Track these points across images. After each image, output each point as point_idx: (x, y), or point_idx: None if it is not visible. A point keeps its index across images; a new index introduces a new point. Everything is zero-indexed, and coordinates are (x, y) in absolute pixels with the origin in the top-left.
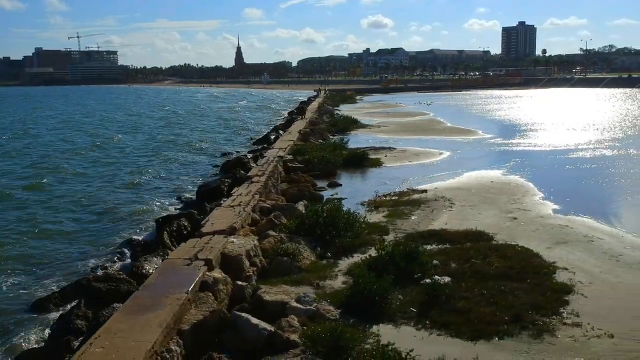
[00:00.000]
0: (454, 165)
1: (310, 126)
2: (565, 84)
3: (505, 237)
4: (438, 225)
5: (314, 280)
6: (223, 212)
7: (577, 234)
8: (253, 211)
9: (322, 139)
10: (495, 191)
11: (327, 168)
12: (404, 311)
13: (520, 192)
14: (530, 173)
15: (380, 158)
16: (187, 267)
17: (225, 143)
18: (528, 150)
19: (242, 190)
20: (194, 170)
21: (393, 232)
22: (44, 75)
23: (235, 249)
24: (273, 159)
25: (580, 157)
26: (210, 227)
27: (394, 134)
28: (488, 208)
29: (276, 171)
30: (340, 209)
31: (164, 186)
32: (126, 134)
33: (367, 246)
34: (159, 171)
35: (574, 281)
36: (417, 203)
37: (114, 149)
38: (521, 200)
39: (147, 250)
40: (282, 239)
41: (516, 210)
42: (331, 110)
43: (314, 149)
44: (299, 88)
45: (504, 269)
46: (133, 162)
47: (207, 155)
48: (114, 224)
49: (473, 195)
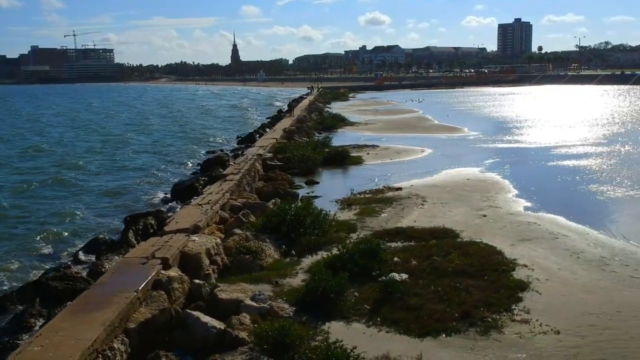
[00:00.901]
0: (435, 162)
1: (297, 124)
2: (559, 80)
3: (472, 234)
4: (406, 223)
5: (273, 278)
6: (190, 211)
7: (544, 231)
8: (223, 209)
9: (307, 137)
10: (470, 188)
11: (307, 166)
12: (357, 308)
13: (494, 189)
14: (509, 170)
15: (361, 156)
16: (142, 266)
17: (211, 141)
18: (510, 147)
19: (214, 189)
20: (177, 168)
21: (360, 230)
22: (40, 73)
23: (195, 248)
24: (251, 157)
25: (562, 154)
26: (174, 225)
27: (380, 131)
28: (459, 205)
29: (253, 169)
30: (309, 207)
31: (148, 183)
32: (134, 132)
33: (333, 244)
34: (149, 169)
35: (531, 278)
36: (390, 201)
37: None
38: (494, 197)
39: (111, 249)
40: (247, 237)
41: (487, 208)
42: (321, 108)
43: (295, 147)
44: (294, 86)
45: (464, 266)
46: (121, 159)
47: (191, 155)
48: (83, 221)
49: (447, 192)
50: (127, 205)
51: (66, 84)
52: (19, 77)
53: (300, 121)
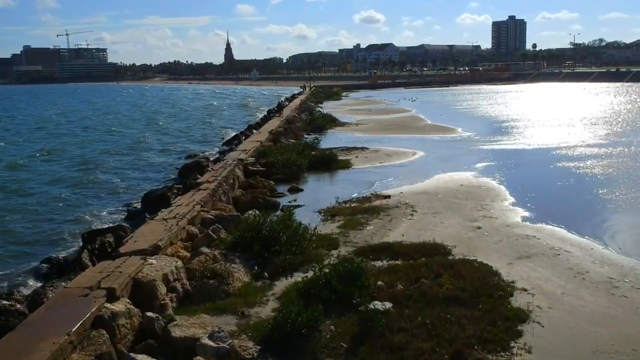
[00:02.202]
0: (426, 166)
1: (285, 125)
2: (554, 78)
3: (465, 251)
4: (394, 237)
5: (240, 307)
6: (152, 227)
7: (544, 246)
8: (191, 224)
9: (295, 139)
10: (463, 196)
11: (291, 172)
12: (332, 347)
13: (489, 197)
14: (504, 175)
15: (350, 159)
16: (82, 299)
17: (196, 143)
18: (506, 149)
19: (185, 200)
20: (156, 173)
21: (343, 246)
22: (32, 73)
23: (150, 273)
24: (231, 163)
25: (561, 157)
26: (131, 245)
27: (371, 132)
28: (451, 216)
29: (232, 176)
30: (287, 220)
31: (120, 190)
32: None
33: (311, 263)
34: (121, 173)
35: (532, 306)
36: (377, 211)
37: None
38: (489, 206)
39: (63, 272)
40: (214, 257)
41: (482, 219)
42: (312, 108)
43: (280, 151)
44: (288, 84)
45: (455, 291)
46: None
47: (172, 157)
48: (40, 235)
49: (438, 200)
50: (101, 218)
51: (58, 83)
52: (11, 77)
53: (289, 122)
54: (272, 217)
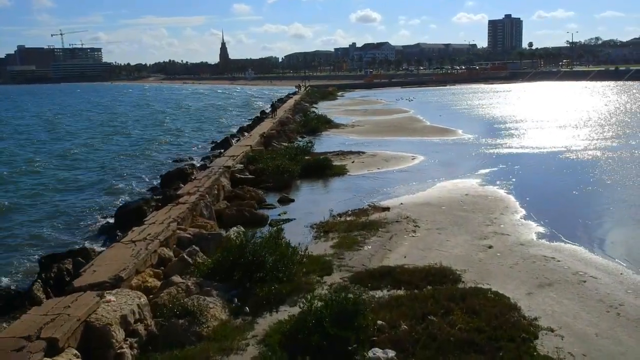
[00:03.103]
0: (427, 172)
1: (278, 127)
2: (552, 77)
3: (476, 277)
4: (395, 259)
5: (213, 355)
6: (117, 252)
7: (566, 270)
8: (165, 246)
9: (288, 142)
10: (469, 207)
11: (282, 179)
12: None
13: (498, 208)
14: (512, 182)
15: (345, 165)
16: (15, 356)
17: (183, 144)
18: (511, 153)
19: (160, 217)
20: (138, 181)
21: (337, 270)
22: (26, 73)
23: (106, 315)
24: (217, 170)
25: (573, 161)
26: (89, 276)
27: (368, 134)
28: (458, 232)
29: (216, 186)
30: (275, 239)
31: (101, 200)
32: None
33: (300, 294)
34: (106, 178)
35: (563, 352)
36: (375, 226)
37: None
38: (499, 220)
39: (11, 307)
40: (188, 288)
41: (492, 235)
42: (307, 109)
43: (271, 156)
44: (283, 84)
45: (471, 333)
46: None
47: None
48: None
49: (443, 213)
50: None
51: (52, 84)
52: (5, 77)
53: (282, 123)
54: (257, 238)
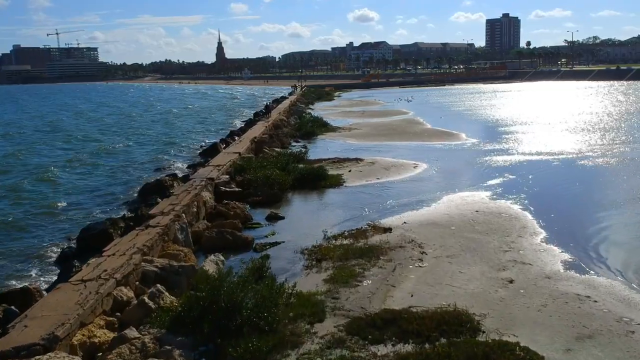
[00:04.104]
0: (431, 183)
1: (271, 131)
2: (552, 76)
3: (499, 324)
4: (400, 299)
5: None
6: (61, 297)
7: (606, 315)
8: (125, 284)
9: (281, 147)
10: (482, 228)
11: (272, 192)
12: None
13: (515, 229)
14: (526, 195)
15: (342, 174)
16: None
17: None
18: (521, 159)
19: (122, 246)
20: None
21: (331, 315)
22: (21, 73)
23: None
24: (200, 183)
25: (592, 169)
26: (17, 334)
27: (366, 138)
28: (472, 260)
29: (196, 203)
30: (257, 273)
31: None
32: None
33: (285, 350)
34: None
35: None
36: (376, 252)
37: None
38: (517, 244)
39: None
40: (144, 345)
41: (512, 265)
42: (302, 110)
43: (261, 165)
44: (279, 84)
45: None
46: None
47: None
48: None
49: (452, 235)
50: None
51: (47, 83)
52: (0, 77)
53: (276, 127)
54: (236, 273)
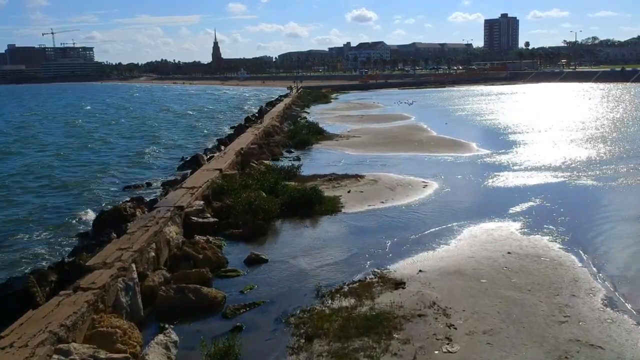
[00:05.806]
0: (446, 209)
1: (261, 139)
2: (554, 78)
3: None
4: None
5: None
6: None
7: None
8: None
9: (272, 158)
10: (521, 281)
11: (255, 223)
12: None
13: (564, 282)
14: (564, 228)
15: (340, 196)
16: None
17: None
18: (547, 176)
19: (29, 328)
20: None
21: None
22: (16, 72)
23: None
24: (164, 215)
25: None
26: None
27: (365, 148)
28: (519, 340)
29: (154, 245)
30: None
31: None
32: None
33: None
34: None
35: None
36: (387, 325)
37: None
38: (573, 309)
39: None
40: None
41: (575, 350)
42: (297, 114)
43: (245, 184)
44: (276, 84)
45: None
46: None
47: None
48: None
49: (484, 294)
50: None
51: (42, 83)
52: None
53: (267, 134)
54: None
